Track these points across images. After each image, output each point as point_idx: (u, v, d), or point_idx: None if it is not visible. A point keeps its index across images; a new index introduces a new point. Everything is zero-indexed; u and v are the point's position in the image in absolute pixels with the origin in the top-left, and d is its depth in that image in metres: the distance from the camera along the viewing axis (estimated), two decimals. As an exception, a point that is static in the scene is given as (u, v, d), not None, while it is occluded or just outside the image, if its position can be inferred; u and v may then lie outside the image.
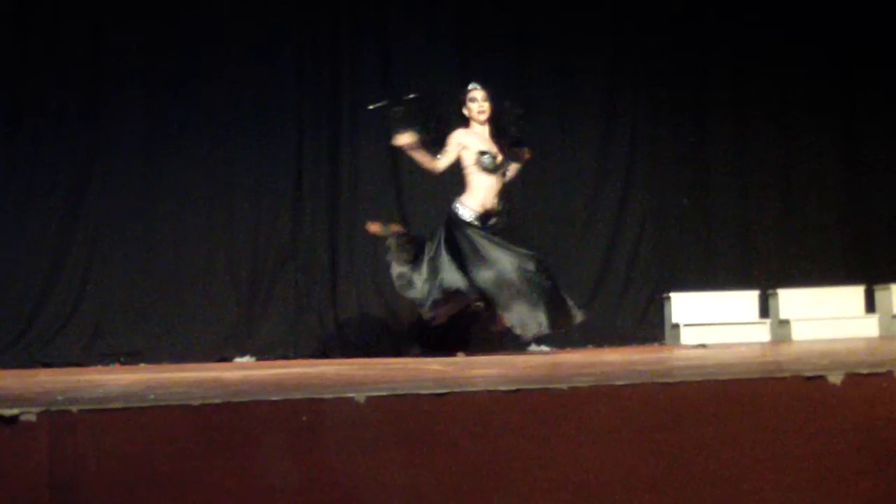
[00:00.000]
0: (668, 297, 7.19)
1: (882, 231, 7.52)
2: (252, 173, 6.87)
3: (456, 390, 2.03)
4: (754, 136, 7.60)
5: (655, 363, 3.43)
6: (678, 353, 5.04)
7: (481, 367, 3.52)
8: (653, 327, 7.23)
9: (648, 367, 2.98)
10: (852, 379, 2.11)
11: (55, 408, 1.88)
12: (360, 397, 1.96)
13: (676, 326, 7.04)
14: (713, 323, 6.95)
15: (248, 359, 6.44)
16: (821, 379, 2.11)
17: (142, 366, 6.00)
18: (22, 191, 6.52)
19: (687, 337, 6.87)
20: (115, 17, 6.70)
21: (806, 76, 7.62)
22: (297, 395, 2.04)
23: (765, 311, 7.22)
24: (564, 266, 6.91)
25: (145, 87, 6.75)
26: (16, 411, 1.84)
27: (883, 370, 2.13)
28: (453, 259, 5.51)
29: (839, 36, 7.60)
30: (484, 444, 1.98)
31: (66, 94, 6.62)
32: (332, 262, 6.89)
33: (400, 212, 6.97)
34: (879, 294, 7.19)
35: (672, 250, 7.44)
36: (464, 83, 5.89)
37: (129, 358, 6.28)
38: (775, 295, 7.16)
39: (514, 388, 2.04)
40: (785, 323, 6.99)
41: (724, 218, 7.54)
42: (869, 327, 6.97)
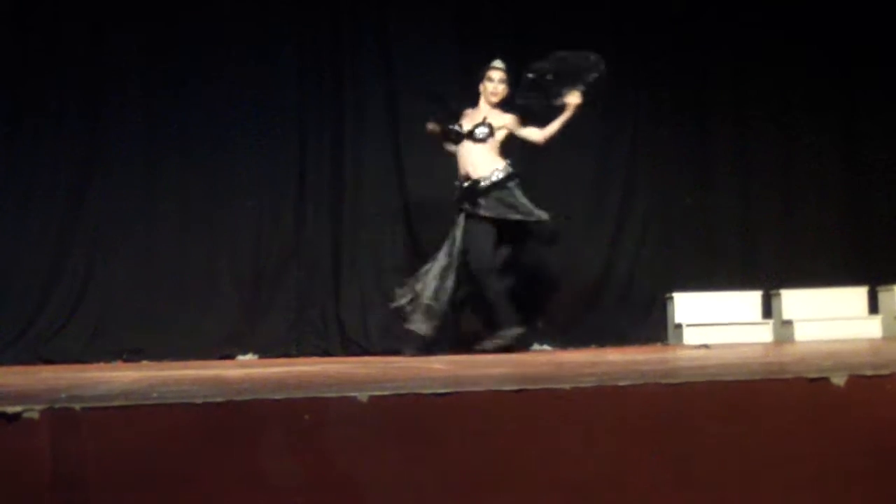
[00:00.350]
0: (671, 297, 7.18)
1: (885, 232, 7.50)
2: (254, 171, 6.89)
3: (459, 390, 2.03)
4: (755, 136, 7.60)
5: (658, 364, 3.42)
6: (681, 353, 5.04)
7: (484, 367, 3.51)
8: (655, 327, 7.22)
9: (651, 368, 2.97)
10: (856, 381, 2.10)
11: (58, 405, 1.88)
12: (362, 396, 1.96)
13: (679, 326, 7.03)
14: (716, 323, 6.95)
15: (250, 356, 6.46)
16: (824, 381, 2.10)
17: (144, 363, 6.01)
18: (24, 188, 6.54)
19: (689, 337, 6.87)
20: (116, 16, 6.72)
21: (806, 76, 7.61)
22: (299, 394, 2.03)
23: (767, 311, 7.21)
24: (567, 266, 6.90)
25: (146, 86, 6.76)
26: (18, 408, 1.84)
27: (887, 372, 2.12)
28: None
29: (840, 36, 7.59)
30: (486, 443, 1.98)
31: (66, 94, 6.63)
32: (335, 261, 6.89)
33: (403, 210, 6.98)
34: (882, 295, 7.18)
35: (674, 250, 7.43)
36: (464, 82, 5.88)
37: (131, 355, 6.29)
38: (778, 295, 7.16)
39: (516, 387, 2.04)
40: (788, 323, 6.98)
41: (726, 218, 7.53)
42: (872, 328, 6.97)
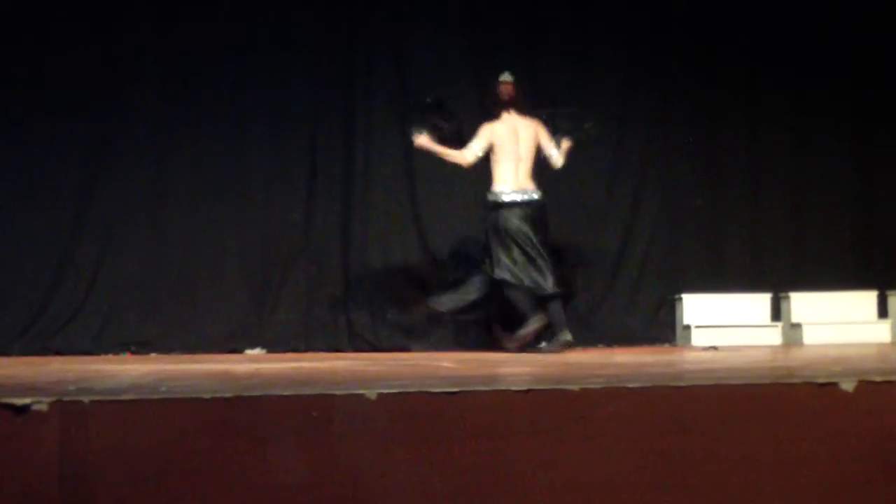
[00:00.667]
0: (680, 299, 7.16)
1: (895, 236, 7.48)
2: (265, 165, 6.87)
3: (467, 389, 2.03)
4: (766, 139, 7.55)
5: (667, 366, 3.42)
6: (689, 355, 5.03)
7: (493, 367, 3.51)
8: (664, 328, 7.20)
9: (660, 370, 2.97)
10: (865, 386, 2.09)
11: (67, 398, 1.88)
12: (370, 394, 1.96)
13: (687, 328, 7.01)
14: (724, 325, 6.92)
15: (258, 351, 6.45)
16: (833, 386, 2.10)
17: (153, 356, 6.01)
18: (33, 181, 6.53)
19: (698, 338, 6.84)
20: (127, 13, 6.70)
21: (819, 78, 7.57)
22: (307, 391, 2.04)
23: (776, 314, 7.18)
24: (576, 266, 6.89)
25: (157, 80, 6.75)
26: (28, 400, 1.85)
27: (896, 378, 2.11)
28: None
29: (853, 38, 7.55)
30: (494, 443, 1.98)
31: (77, 88, 6.62)
32: (345, 256, 6.89)
33: (412, 207, 6.97)
34: (892, 299, 7.14)
35: (684, 251, 7.40)
36: (476, 79, 5.89)
37: (139, 348, 6.30)
38: (787, 298, 7.13)
39: (525, 387, 2.04)
40: (797, 326, 6.96)
41: (736, 220, 7.50)
42: (881, 333, 6.94)
